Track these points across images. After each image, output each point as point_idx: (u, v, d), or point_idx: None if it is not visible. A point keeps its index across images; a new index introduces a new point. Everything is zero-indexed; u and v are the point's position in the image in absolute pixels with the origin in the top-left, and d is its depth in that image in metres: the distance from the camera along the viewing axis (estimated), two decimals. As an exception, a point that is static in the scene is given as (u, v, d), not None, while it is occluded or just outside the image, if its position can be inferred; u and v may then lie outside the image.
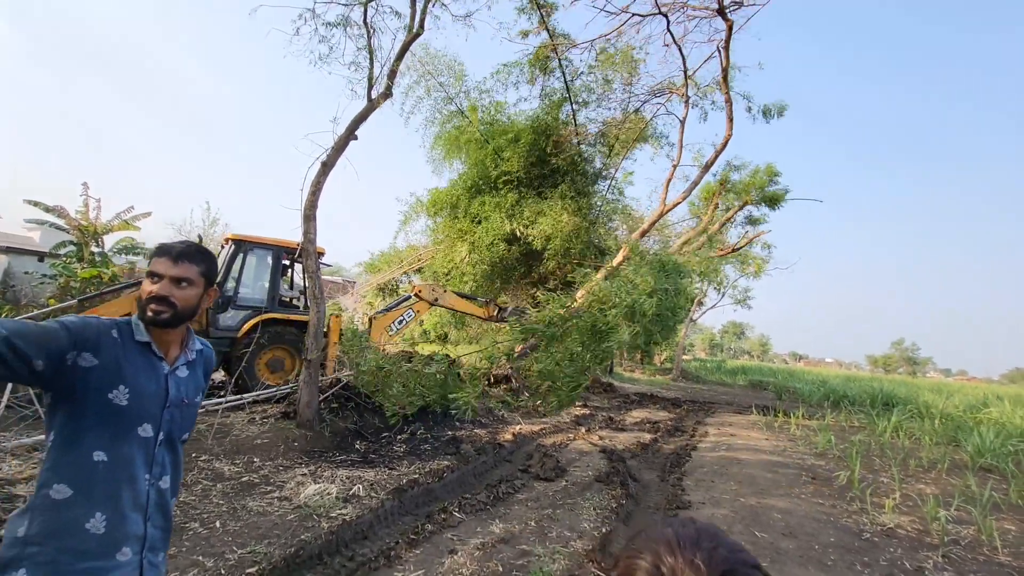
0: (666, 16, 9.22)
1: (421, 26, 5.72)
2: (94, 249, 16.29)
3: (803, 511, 4.64)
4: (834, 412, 12.34)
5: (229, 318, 7.47)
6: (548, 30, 10.71)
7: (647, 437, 8.00)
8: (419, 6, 5.64)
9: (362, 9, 5.41)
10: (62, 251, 15.91)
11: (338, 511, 3.65)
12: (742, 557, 0.56)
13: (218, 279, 7.36)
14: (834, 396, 15.83)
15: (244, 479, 4.15)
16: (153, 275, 1.33)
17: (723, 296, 25.77)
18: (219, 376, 8.78)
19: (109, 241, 17.02)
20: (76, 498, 1.20)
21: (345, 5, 5.47)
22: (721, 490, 5.21)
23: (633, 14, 9.24)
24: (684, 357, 32.58)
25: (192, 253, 1.37)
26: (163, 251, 1.35)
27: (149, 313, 1.31)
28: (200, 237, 9.37)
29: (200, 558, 2.79)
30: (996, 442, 7.56)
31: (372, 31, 5.60)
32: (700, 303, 27.58)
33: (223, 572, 2.67)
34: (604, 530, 3.86)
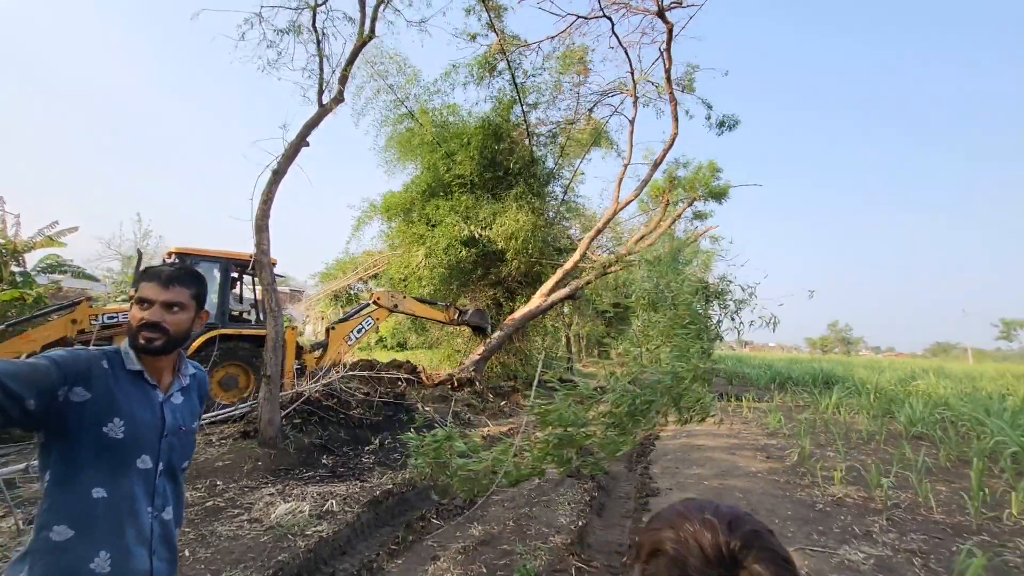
0: (610, 19, 9.52)
1: (372, 30, 5.65)
2: (14, 268, 15.00)
3: (761, 488, 4.92)
4: (781, 393, 13.10)
5: (176, 336, 7.10)
6: (496, 32, 10.81)
7: (611, 430, 8.21)
8: (369, 11, 5.58)
9: (311, 13, 5.29)
10: (-24, 273, 14.57)
11: (313, 528, 3.57)
12: (740, 510, 0.64)
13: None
14: (780, 378, 16.80)
15: (209, 504, 3.97)
16: (143, 301, 1.28)
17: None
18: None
19: (31, 260, 15.76)
20: (78, 538, 1.16)
21: (293, 9, 5.33)
22: (685, 475, 5.45)
23: (577, 16, 9.48)
24: (639, 349, 33.55)
25: (182, 276, 1.34)
26: (152, 275, 1.31)
27: (141, 341, 1.27)
28: (140, 252, 8.81)
29: (172, 590, 2.67)
30: (925, 412, 8.27)
31: (322, 35, 5.48)
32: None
33: (199, 602, 2.57)
34: (580, 523, 3.97)
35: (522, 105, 12.33)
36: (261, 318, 7.92)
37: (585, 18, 9.59)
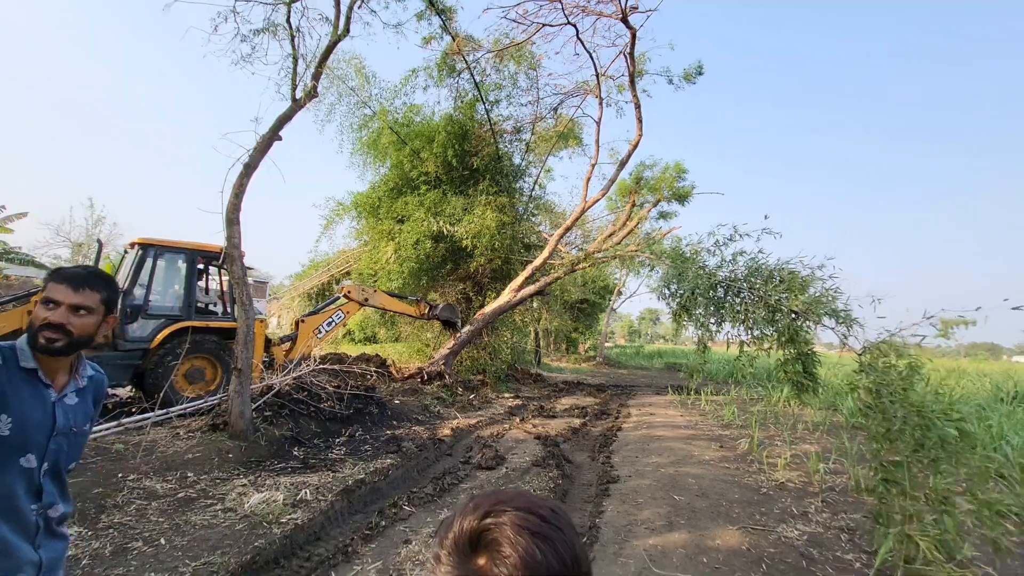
0: (575, 26, 9.74)
1: (347, 28, 5.69)
2: (-43, 256, 14.24)
3: (713, 475, 5.29)
4: (737, 388, 13.76)
5: (139, 328, 6.97)
6: (451, 33, 10.88)
7: (577, 422, 8.53)
8: (343, 8, 5.62)
9: (286, 9, 5.29)
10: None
11: (288, 516, 3.69)
12: (519, 498, 0.60)
13: (124, 287, 6.83)
14: (737, 373, 17.54)
15: (180, 495, 4.02)
16: (49, 301, 1.26)
17: (640, 286, 27.42)
18: (125, 392, 8.14)
19: (-25, 246, 14.95)
20: None
21: (268, 4, 5.32)
22: (644, 463, 5.78)
23: (544, 24, 9.66)
24: (606, 344, 34.29)
25: (94, 280, 1.31)
26: (61, 277, 1.29)
27: (42, 340, 1.25)
28: (100, 243, 8.55)
29: (153, 574, 2.76)
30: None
31: (296, 32, 5.48)
32: (619, 292, 29.18)
33: (180, 585, 2.68)
34: (545, 508, 4.21)
35: (484, 103, 12.46)
36: (228, 310, 7.84)
37: (551, 26, 9.77)
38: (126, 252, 7.97)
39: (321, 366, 7.86)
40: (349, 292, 9.64)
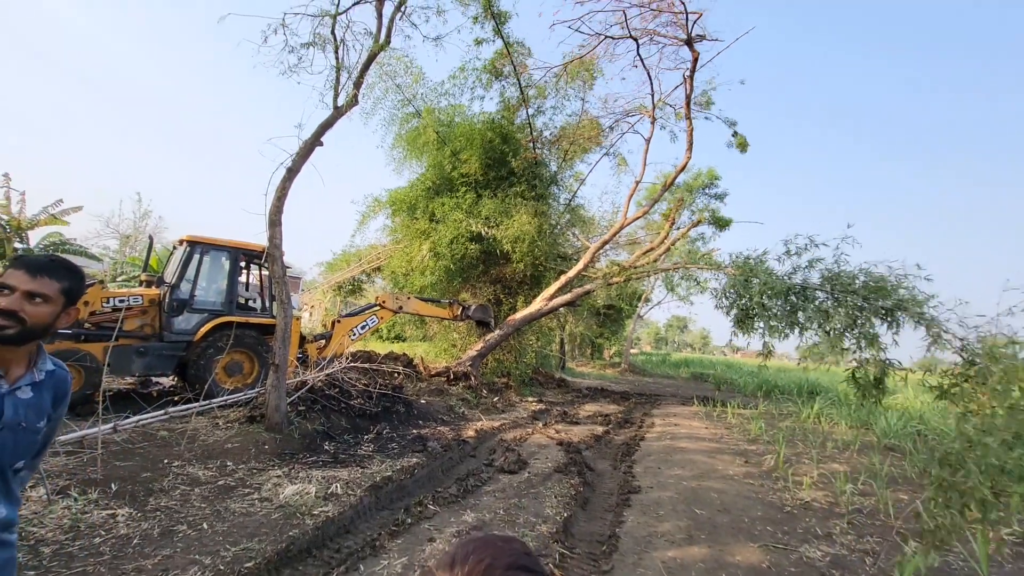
0: (636, 40, 9.78)
1: (388, 40, 5.90)
2: (18, 245, 15.18)
3: (736, 490, 5.26)
4: (766, 401, 13.50)
5: (184, 321, 7.36)
6: (503, 37, 11.06)
7: (599, 429, 8.55)
8: (385, 21, 5.83)
9: (331, 22, 5.53)
10: (-19, 248, 14.79)
11: (320, 508, 3.87)
12: (498, 546, 0.64)
13: (172, 281, 7.19)
14: (767, 386, 17.19)
15: (220, 483, 4.26)
16: (4, 287, 1.22)
17: (667, 296, 27.10)
18: (168, 381, 8.58)
19: (35, 237, 15.92)
20: None
21: (314, 17, 5.57)
22: (666, 475, 5.78)
23: (606, 36, 9.74)
24: (632, 351, 33.99)
25: (54, 268, 1.27)
26: (20, 263, 1.25)
27: None
28: (151, 238, 9.04)
29: (197, 556, 2.97)
30: (899, 424, 8.66)
31: (340, 43, 5.72)
32: (647, 299, 28.89)
33: (222, 568, 2.86)
34: (565, 515, 4.28)
35: (527, 108, 12.61)
36: (266, 306, 8.19)
37: (613, 38, 9.85)
38: (174, 248, 8.42)
39: (352, 364, 8.13)
40: (384, 301, 9.93)
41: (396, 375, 9.19)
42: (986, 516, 2.98)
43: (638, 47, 9.85)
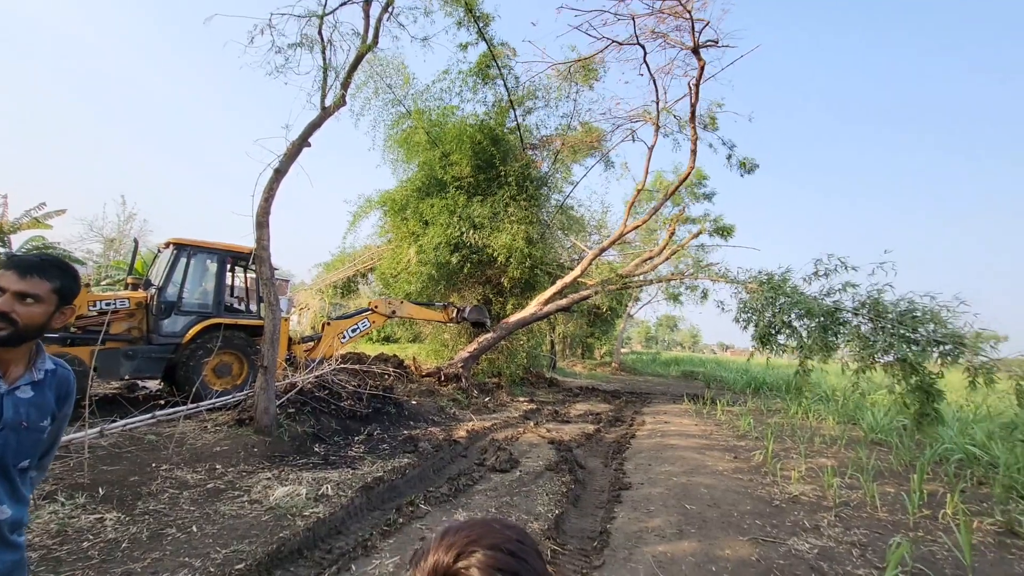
0: (643, 46, 9.79)
1: (376, 40, 5.90)
2: (0, 249, 14.93)
3: (725, 485, 5.31)
4: (755, 398, 13.63)
5: (172, 323, 7.28)
6: (487, 41, 11.06)
7: (590, 428, 8.59)
8: (372, 21, 5.82)
9: (318, 23, 5.51)
10: (-39, 252, 14.53)
11: (310, 510, 3.85)
12: (488, 531, 0.64)
13: (159, 284, 7.12)
14: (755, 383, 17.35)
15: (210, 485, 4.23)
16: None
17: (657, 293, 27.27)
18: (154, 385, 8.49)
19: (17, 241, 15.66)
20: None
21: (301, 17, 5.54)
22: (657, 472, 5.82)
23: (612, 41, 9.73)
24: (622, 350, 34.14)
25: (46, 268, 1.26)
26: (12, 264, 1.24)
27: None
28: (136, 241, 8.93)
29: (187, 559, 2.94)
30: (885, 420, 8.78)
31: (327, 43, 5.70)
32: (637, 298, 29.05)
33: (212, 570, 2.85)
34: (557, 512, 4.30)
35: (514, 109, 12.61)
36: (253, 308, 8.13)
37: (620, 43, 9.82)
38: (160, 251, 8.32)
39: (342, 365, 8.09)
40: (377, 306, 9.89)
41: (387, 376, 9.16)
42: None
43: (645, 54, 9.84)
